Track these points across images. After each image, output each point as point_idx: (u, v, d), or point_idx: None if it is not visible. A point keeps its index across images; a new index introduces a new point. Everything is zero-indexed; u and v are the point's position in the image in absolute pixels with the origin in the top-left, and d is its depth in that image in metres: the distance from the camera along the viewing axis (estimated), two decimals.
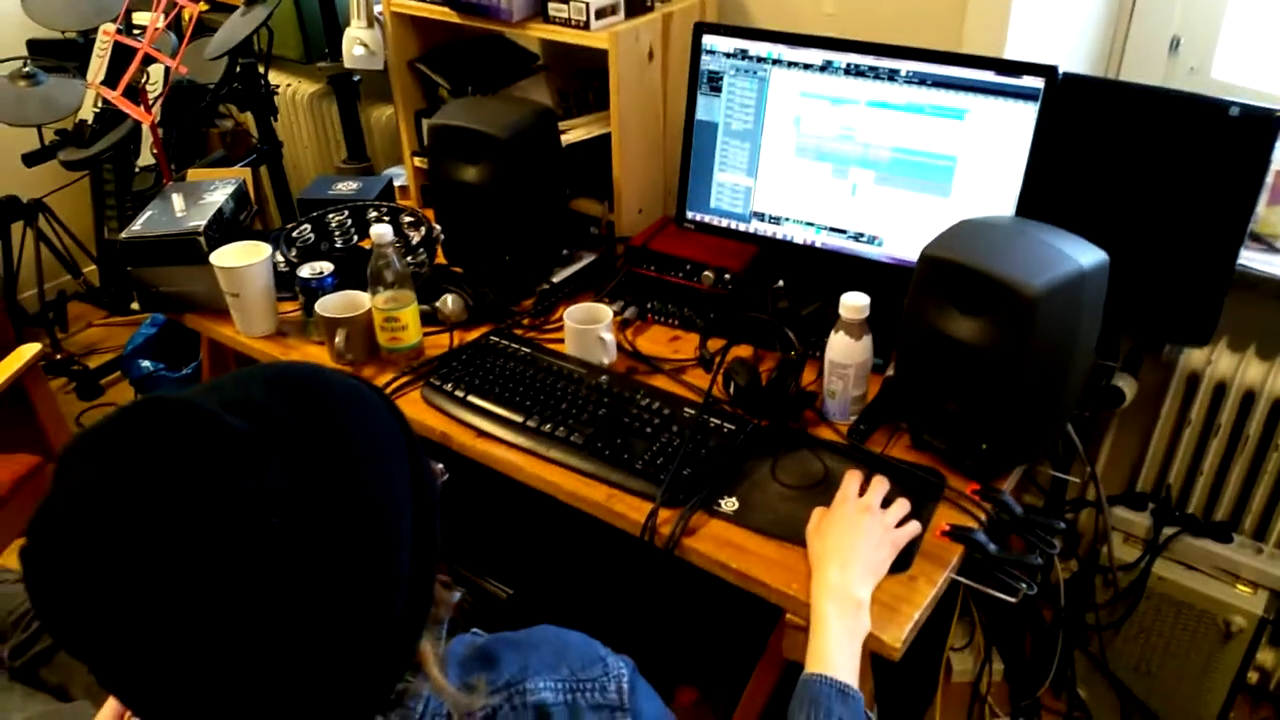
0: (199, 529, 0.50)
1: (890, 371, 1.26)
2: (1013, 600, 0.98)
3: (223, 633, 0.50)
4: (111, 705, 0.76)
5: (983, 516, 1.06)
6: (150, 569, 0.49)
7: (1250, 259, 1.38)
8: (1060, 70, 1.16)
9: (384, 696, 0.61)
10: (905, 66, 1.25)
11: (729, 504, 1.09)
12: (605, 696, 0.68)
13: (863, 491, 1.05)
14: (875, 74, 1.27)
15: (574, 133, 1.63)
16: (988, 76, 1.20)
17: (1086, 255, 1.01)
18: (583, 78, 1.76)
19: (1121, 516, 1.55)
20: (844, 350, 1.18)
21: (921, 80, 1.24)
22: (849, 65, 1.29)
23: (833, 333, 1.19)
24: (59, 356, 2.60)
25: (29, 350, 1.73)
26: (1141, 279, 1.23)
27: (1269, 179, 1.24)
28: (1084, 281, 1.00)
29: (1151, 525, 1.52)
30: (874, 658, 0.98)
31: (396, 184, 1.85)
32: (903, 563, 1.01)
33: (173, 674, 0.51)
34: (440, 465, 0.67)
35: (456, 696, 0.64)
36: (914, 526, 1.02)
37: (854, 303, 1.16)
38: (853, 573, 0.95)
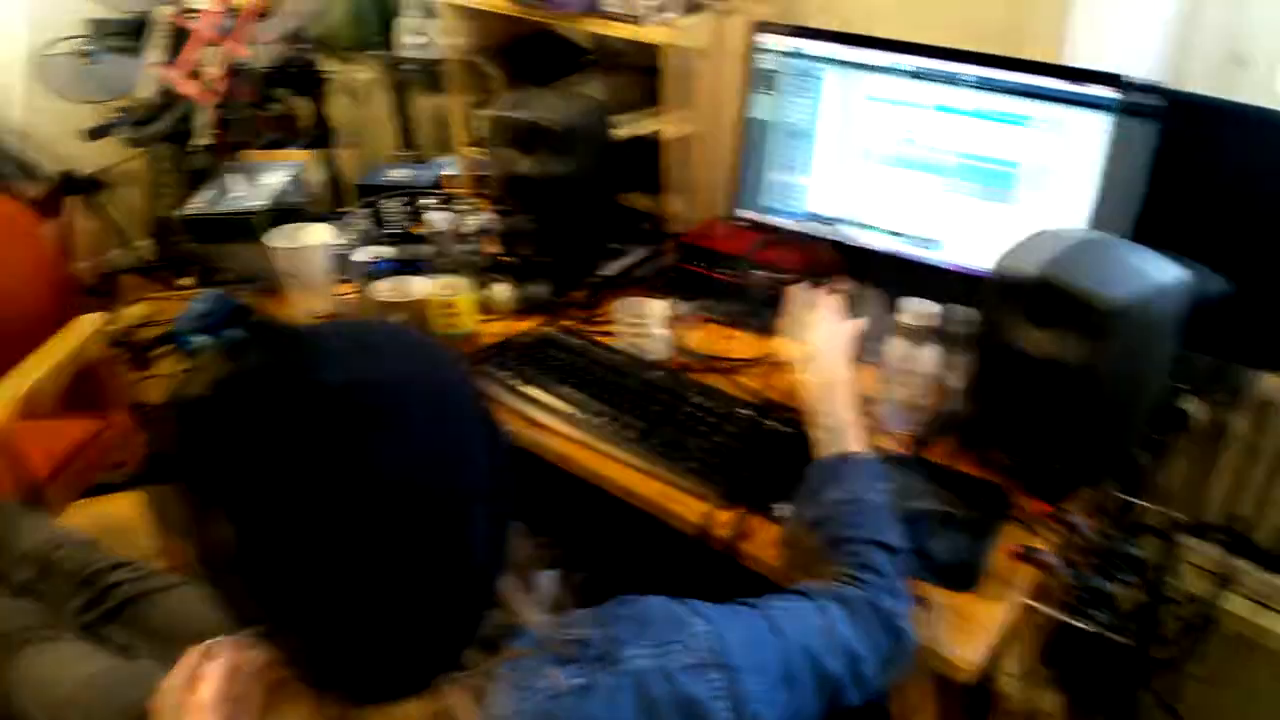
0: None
1: (953, 382, 1.24)
2: (1089, 630, 0.96)
3: (329, 522, 0.56)
4: (184, 666, 0.76)
5: (1056, 539, 1.03)
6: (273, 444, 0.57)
7: None
8: (1123, 78, 1.14)
9: (470, 625, 0.64)
10: (969, 71, 1.24)
11: (785, 509, 1.08)
12: (695, 655, 0.69)
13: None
14: (936, 77, 1.27)
15: (626, 128, 1.64)
16: (1056, 84, 1.18)
17: (1166, 271, 0.98)
18: (635, 73, 1.76)
19: (1189, 547, 1.46)
20: (906, 357, 1.16)
21: (985, 85, 1.23)
22: (910, 68, 1.28)
23: (895, 339, 1.17)
24: (111, 328, 2.65)
25: (90, 321, 1.77)
26: (1232, 302, 1.17)
27: None
28: (1163, 298, 0.97)
29: (1220, 558, 1.44)
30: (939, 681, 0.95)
31: (449, 173, 1.87)
32: (968, 580, 0.98)
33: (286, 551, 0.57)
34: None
35: (553, 625, 0.67)
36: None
37: (920, 309, 1.14)
38: (839, 407, 1.02)
